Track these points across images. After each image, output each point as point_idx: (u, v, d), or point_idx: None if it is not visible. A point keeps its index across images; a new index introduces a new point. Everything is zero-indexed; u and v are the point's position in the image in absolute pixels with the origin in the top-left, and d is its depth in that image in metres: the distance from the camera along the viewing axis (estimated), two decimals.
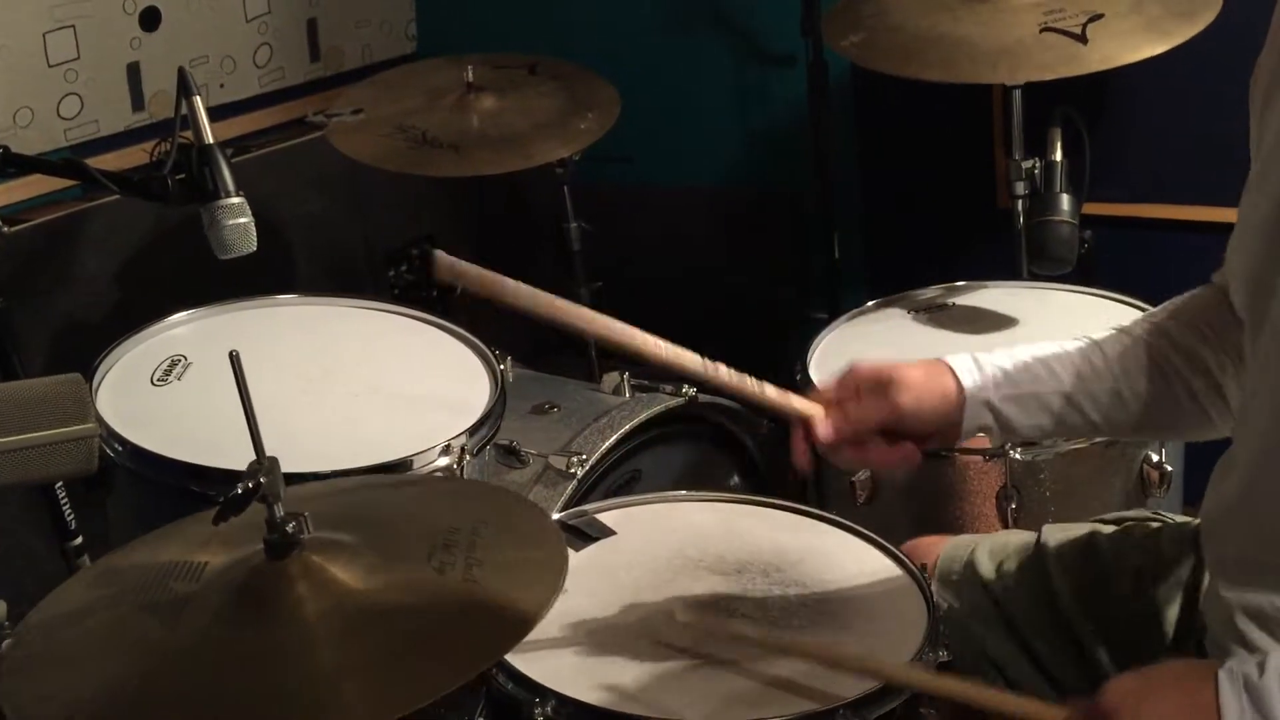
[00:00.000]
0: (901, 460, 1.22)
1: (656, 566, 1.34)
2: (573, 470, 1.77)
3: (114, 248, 2.26)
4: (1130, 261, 2.15)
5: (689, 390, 1.92)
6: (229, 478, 1.40)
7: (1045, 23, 1.86)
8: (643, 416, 1.86)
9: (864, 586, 1.30)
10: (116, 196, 1.59)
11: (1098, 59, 1.82)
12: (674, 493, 1.49)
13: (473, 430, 1.62)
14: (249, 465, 1.04)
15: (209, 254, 1.54)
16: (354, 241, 2.59)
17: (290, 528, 1.05)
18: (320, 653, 1.01)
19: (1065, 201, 1.96)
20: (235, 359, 1.04)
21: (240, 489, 1.02)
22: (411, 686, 0.96)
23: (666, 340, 1.24)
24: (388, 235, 2.46)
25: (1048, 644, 1.29)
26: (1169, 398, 1.20)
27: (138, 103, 2.37)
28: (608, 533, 1.40)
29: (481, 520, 1.14)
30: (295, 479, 1.38)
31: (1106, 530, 1.35)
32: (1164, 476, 1.69)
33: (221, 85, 2.47)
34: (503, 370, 1.75)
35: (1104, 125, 2.21)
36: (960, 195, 2.45)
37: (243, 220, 1.53)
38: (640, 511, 1.44)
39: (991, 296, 1.99)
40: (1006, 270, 2.07)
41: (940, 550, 1.38)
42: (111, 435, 1.57)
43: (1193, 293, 1.26)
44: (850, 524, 1.40)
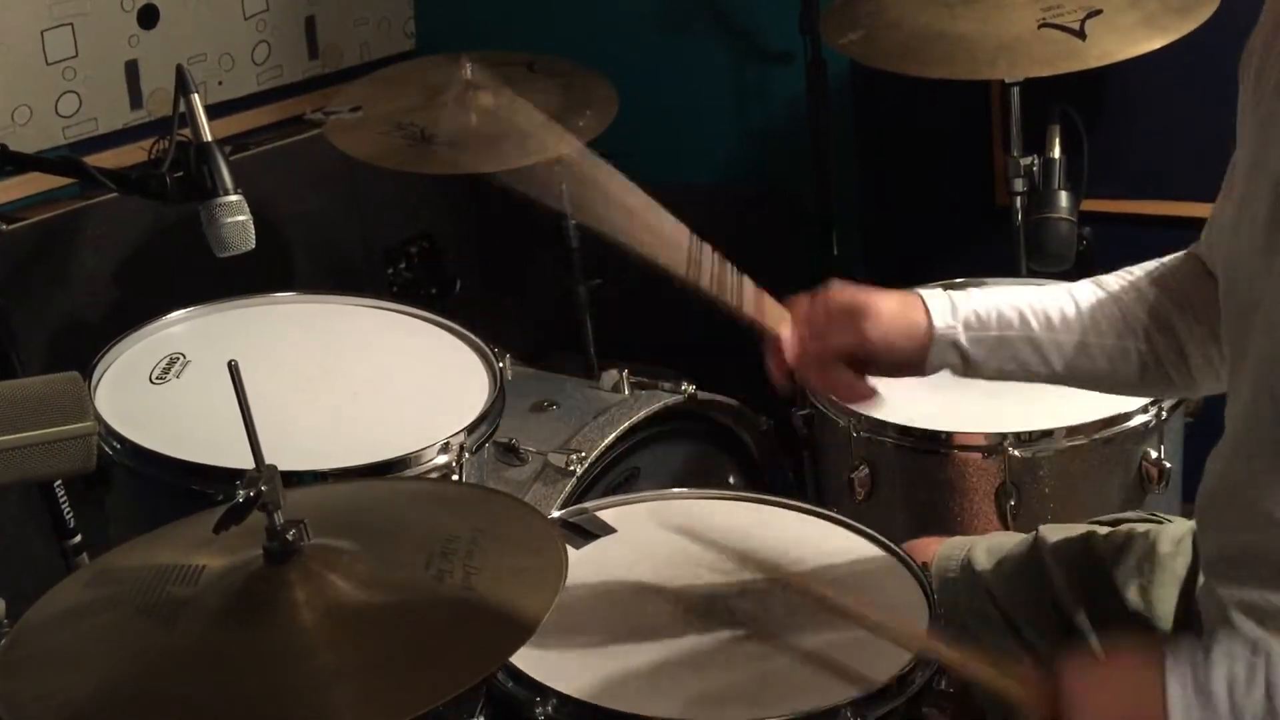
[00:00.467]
0: (858, 399, 1.23)
1: (656, 563, 1.34)
2: (572, 468, 1.77)
3: (112, 246, 2.26)
4: (1129, 258, 2.13)
5: (688, 388, 1.92)
6: (228, 476, 1.41)
7: (1044, 19, 1.86)
8: (642, 414, 1.86)
9: (863, 582, 1.30)
10: (115, 194, 1.59)
11: (1096, 54, 1.82)
12: (673, 490, 1.49)
13: (471, 428, 1.62)
14: (249, 474, 1.04)
15: (207, 252, 1.54)
16: (352, 239, 2.59)
17: (290, 535, 1.05)
18: (317, 659, 1.01)
19: (1064, 198, 1.96)
20: (234, 369, 1.04)
21: (240, 498, 1.02)
22: (408, 694, 0.96)
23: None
24: (386, 233, 2.46)
25: (1046, 641, 1.30)
26: (1133, 355, 1.21)
27: (136, 100, 2.36)
28: (607, 530, 1.40)
29: (480, 528, 1.14)
30: (294, 478, 1.39)
31: (1103, 531, 1.35)
32: (1163, 473, 1.69)
33: (220, 83, 2.47)
34: (501, 368, 1.75)
35: (1102, 122, 2.21)
36: (959, 192, 2.45)
37: (241, 218, 1.52)
38: (639, 509, 1.44)
39: None
40: (1005, 267, 2.07)
41: (936, 550, 1.39)
42: (110, 433, 1.57)
43: (1173, 258, 1.27)
44: (849, 520, 1.40)
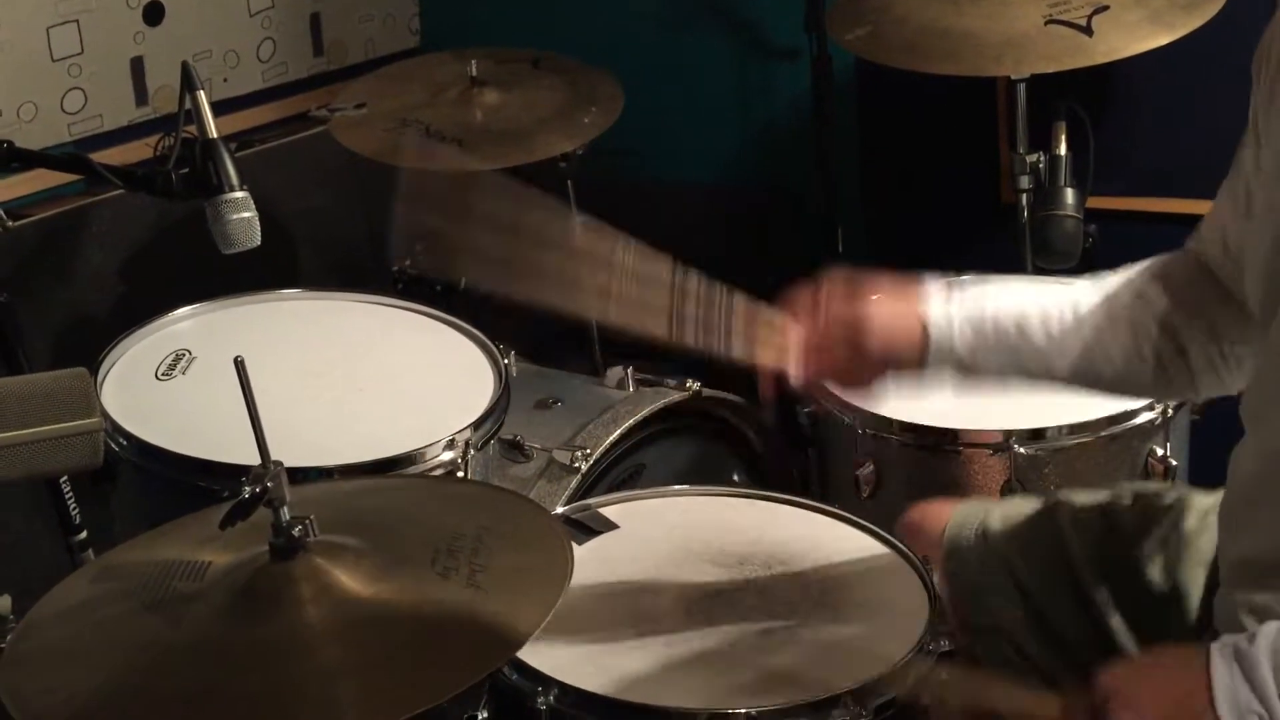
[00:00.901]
0: (860, 393, 1.26)
1: (659, 559, 1.34)
2: (576, 465, 1.77)
3: (118, 243, 2.26)
4: (1135, 255, 2.12)
5: (693, 385, 1.92)
6: (233, 472, 1.41)
7: (1050, 15, 1.86)
8: (646, 411, 1.86)
9: (866, 578, 1.31)
10: (120, 191, 1.59)
11: (1103, 51, 1.82)
12: (677, 487, 1.49)
13: (477, 425, 1.62)
14: (254, 470, 1.04)
15: (213, 248, 1.54)
16: (357, 236, 2.59)
17: (296, 531, 1.06)
18: (322, 655, 1.01)
19: (1070, 195, 1.95)
20: (240, 365, 1.04)
21: (247, 494, 1.02)
22: (413, 690, 0.96)
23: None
24: (391, 230, 2.45)
25: (1062, 612, 1.28)
26: (1135, 358, 1.22)
27: (141, 97, 2.36)
28: (611, 526, 1.40)
29: (485, 525, 1.14)
30: (299, 474, 1.39)
31: (1125, 500, 1.33)
32: (1169, 470, 1.69)
33: (225, 80, 2.47)
34: (506, 365, 1.75)
35: (1108, 119, 2.20)
36: (964, 189, 2.45)
37: (247, 215, 1.53)
38: (643, 505, 1.44)
39: None
40: (1011, 265, 2.07)
41: (949, 515, 1.37)
42: (116, 429, 1.57)
43: (1171, 257, 1.27)
44: (853, 517, 1.40)
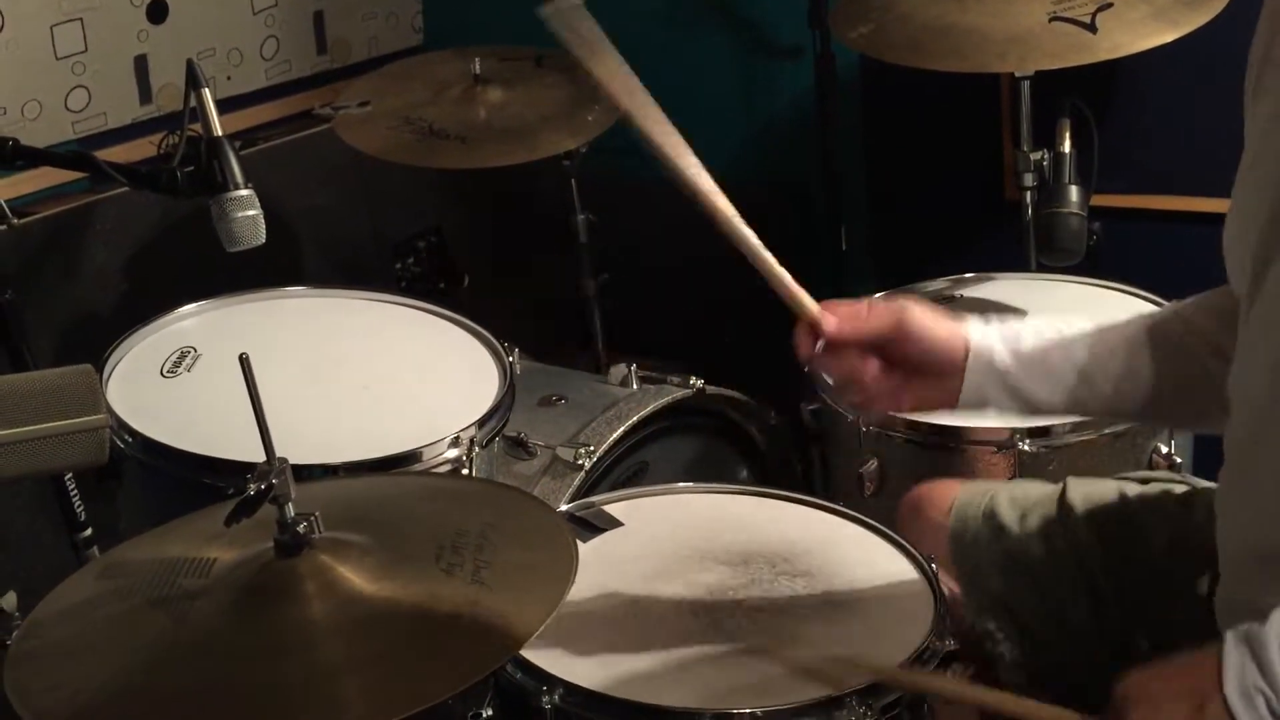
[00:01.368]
0: (890, 395, 1.18)
1: (663, 557, 1.34)
2: (580, 462, 1.77)
3: (123, 240, 2.26)
4: (1139, 253, 2.14)
5: (696, 382, 1.92)
6: (238, 469, 1.42)
7: (1054, 12, 1.86)
8: (650, 408, 1.86)
9: (870, 577, 1.30)
10: (125, 189, 1.60)
11: (1107, 48, 1.81)
12: (681, 484, 1.49)
13: (481, 422, 1.62)
14: (260, 467, 1.04)
15: (218, 246, 1.54)
16: (361, 234, 2.60)
17: (300, 528, 1.06)
18: (327, 651, 1.01)
19: (1074, 193, 1.95)
20: (245, 362, 1.04)
21: (252, 491, 1.03)
22: (417, 686, 0.96)
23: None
24: (395, 227, 2.46)
25: (1070, 599, 1.28)
26: (1184, 376, 1.19)
27: (145, 95, 2.37)
28: (615, 524, 1.40)
29: (490, 522, 1.14)
30: (304, 472, 1.39)
31: (1134, 490, 1.33)
32: (1173, 467, 1.69)
33: (228, 78, 2.47)
34: (511, 362, 1.75)
35: (1113, 117, 2.20)
36: (968, 187, 2.45)
37: (252, 212, 1.53)
38: (647, 503, 1.44)
39: (999, 288, 1.98)
40: (1015, 262, 2.07)
41: (955, 495, 1.37)
42: (121, 426, 1.58)
43: (1217, 290, 1.25)
44: (857, 515, 1.40)
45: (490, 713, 1.21)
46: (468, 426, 1.60)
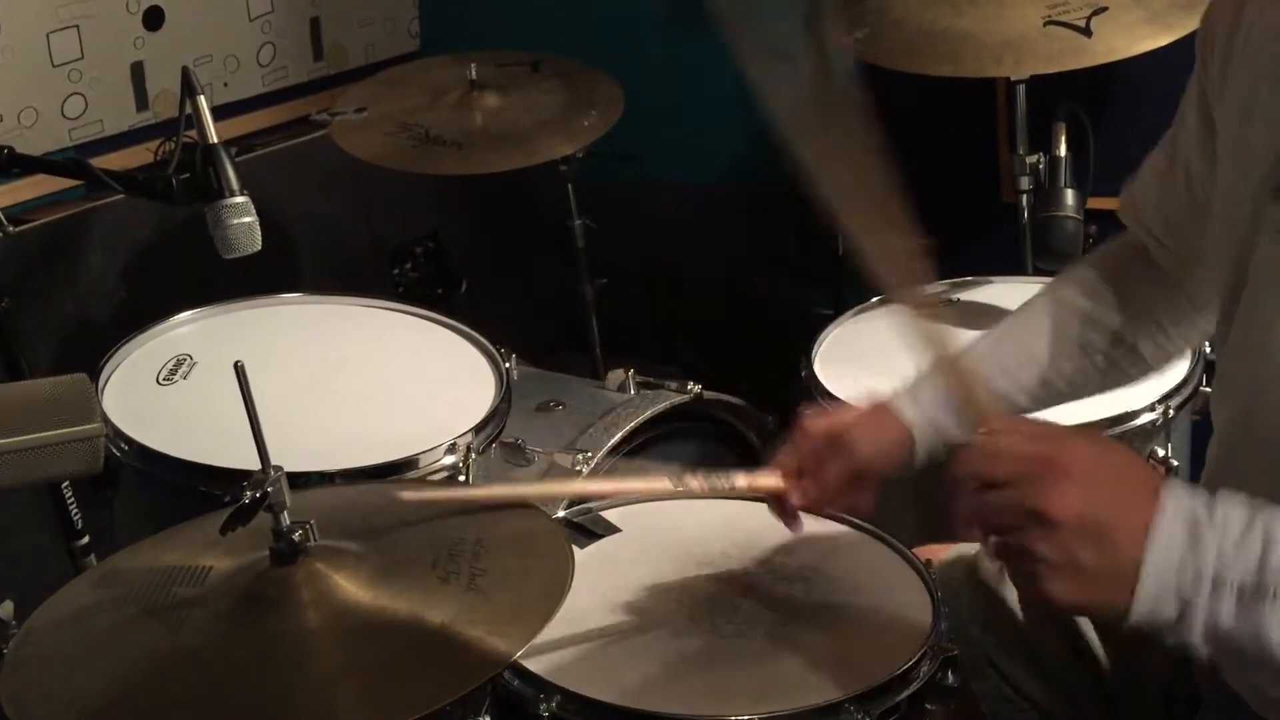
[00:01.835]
0: (867, 505, 1.28)
1: (662, 563, 1.34)
2: (578, 468, 1.77)
3: (119, 248, 2.26)
4: None
5: (694, 387, 1.92)
6: (235, 476, 1.41)
7: (1049, 16, 1.86)
8: (648, 414, 1.86)
9: (869, 582, 1.30)
10: (121, 196, 1.59)
11: (1102, 51, 1.82)
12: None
13: (478, 428, 1.62)
14: (255, 475, 1.04)
15: (213, 253, 1.54)
16: (358, 240, 2.60)
17: (296, 536, 1.06)
18: (323, 659, 1.01)
19: (1070, 196, 1.95)
20: (240, 370, 1.04)
21: (247, 499, 1.03)
22: (413, 695, 0.96)
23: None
24: (392, 233, 2.46)
25: (1054, 649, 1.29)
26: (1091, 371, 1.27)
27: (141, 102, 2.37)
28: (612, 530, 1.40)
29: (486, 529, 1.14)
30: (300, 479, 1.39)
31: None
32: (1170, 471, 1.69)
33: (225, 84, 2.48)
34: (508, 368, 1.75)
35: (1108, 120, 2.20)
36: (964, 190, 2.45)
37: (247, 219, 1.53)
38: (645, 509, 1.44)
39: (996, 292, 1.98)
40: (1011, 265, 2.07)
41: (941, 558, 1.38)
42: (117, 434, 1.57)
43: (1109, 250, 1.31)
44: (855, 520, 1.40)
45: None
46: (465, 433, 1.60)
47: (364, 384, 1.72)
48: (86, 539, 1.70)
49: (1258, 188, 1.02)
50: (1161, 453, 1.69)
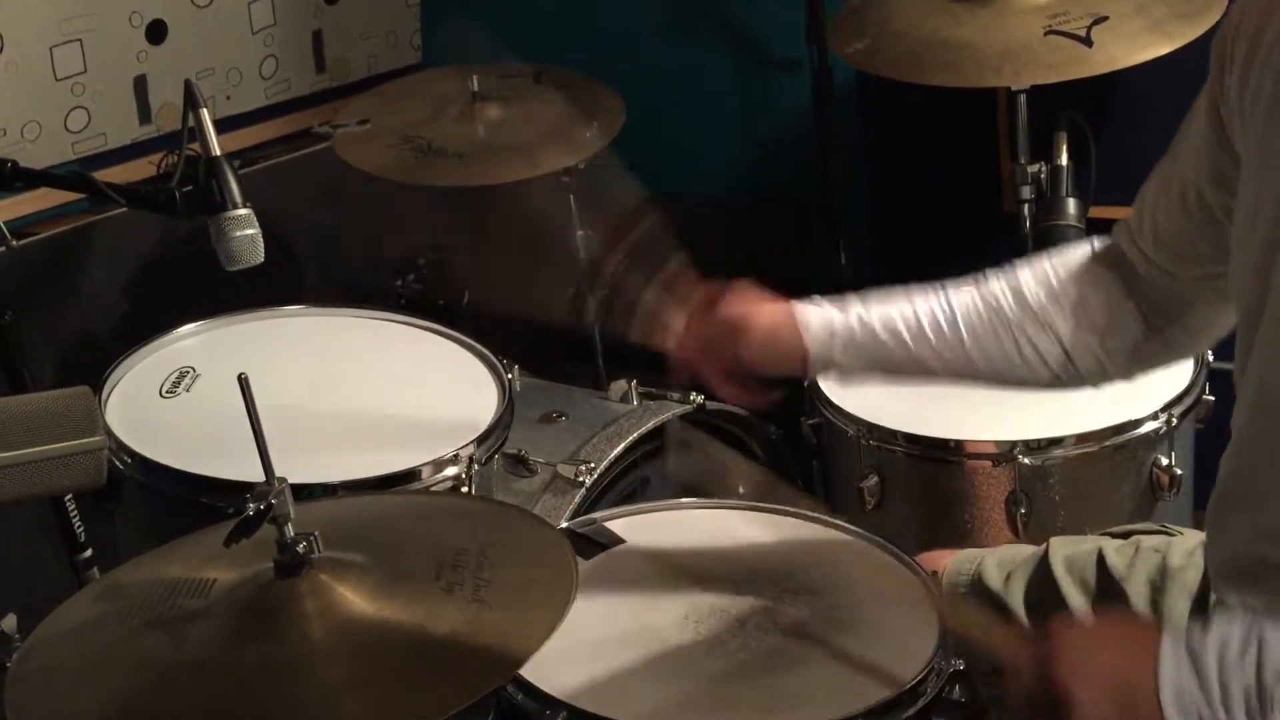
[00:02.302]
0: (753, 403, 1.34)
1: (665, 575, 1.34)
2: (581, 479, 1.77)
3: (122, 260, 2.26)
4: None
5: (697, 398, 1.92)
6: (238, 489, 1.41)
7: (1050, 26, 1.86)
8: (651, 424, 1.86)
9: (875, 594, 1.30)
10: (124, 209, 1.59)
11: (1103, 60, 1.82)
12: (683, 500, 1.49)
13: (481, 440, 1.62)
14: (259, 487, 1.04)
15: (216, 266, 1.54)
16: (360, 252, 2.60)
17: (300, 548, 1.06)
18: (328, 671, 1.01)
19: (1072, 205, 1.96)
20: (244, 383, 1.04)
21: (251, 511, 1.02)
22: (418, 706, 0.96)
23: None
24: (394, 245, 2.46)
25: None
26: (1016, 362, 1.26)
27: (144, 115, 2.37)
28: (616, 541, 1.40)
29: (490, 540, 1.14)
30: (304, 491, 1.39)
31: (1114, 544, 1.34)
32: (1174, 480, 1.68)
33: (228, 97, 2.48)
34: (510, 379, 1.75)
35: (1109, 129, 2.20)
36: (966, 200, 2.45)
37: (250, 231, 1.53)
38: (649, 519, 1.44)
39: None
40: None
41: (947, 564, 1.38)
42: (120, 447, 1.57)
43: (1072, 256, 1.30)
44: (859, 530, 1.39)
45: None
46: (467, 444, 1.60)
47: (366, 396, 1.72)
48: (89, 552, 1.70)
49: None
50: (1165, 461, 1.69)
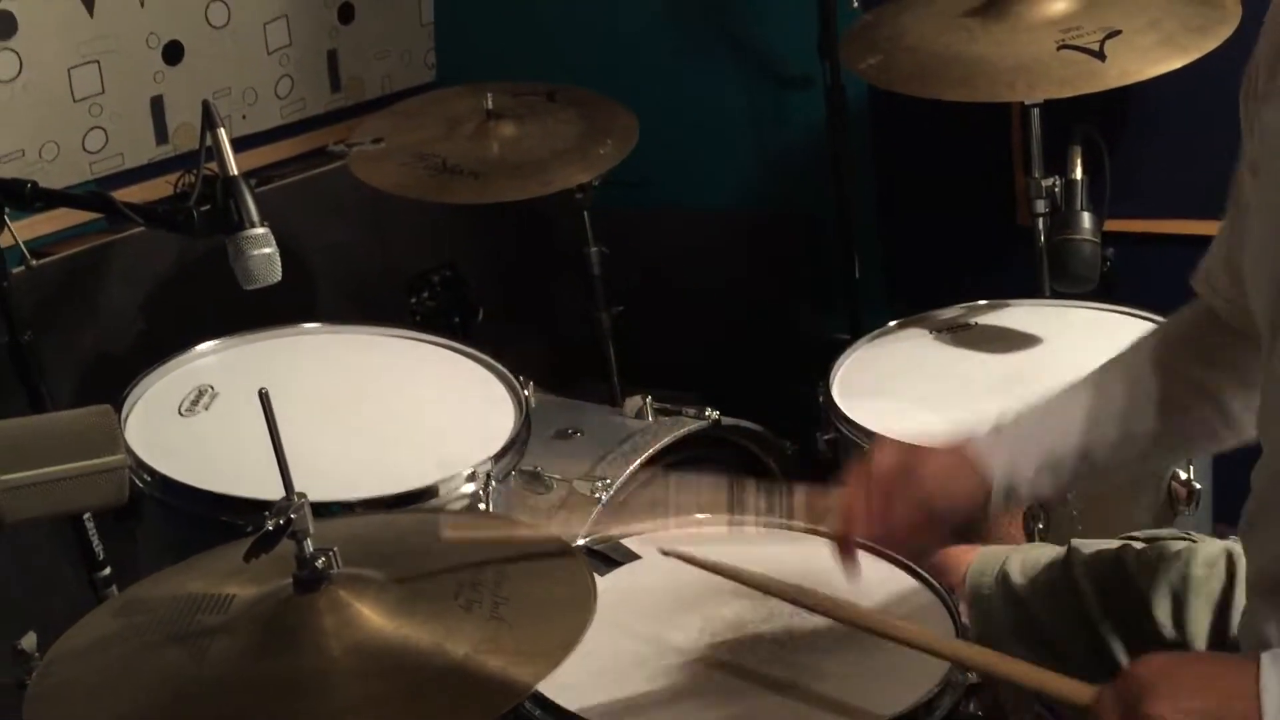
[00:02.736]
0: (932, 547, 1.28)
1: (682, 590, 1.34)
2: (597, 495, 1.77)
3: (140, 279, 2.28)
4: (1153, 278, 2.13)
5: (712, 413, 1.92)
6: (257, 507, 1.42)
7: (1063, 40, 1.86)
8: (666, 440, 1.86)
9: (891, 609, 1.30)
10: (142, 229, 1.61)
11: (1116, 75, 1.82)
12: (698, 516, 1.48)
13: (497, 457, 1.63)
14: (278, 502, 1.05)
15: (234, 284, 1.55)
16: (376, 269, 2.61)
17: (319, 563, 1.06)
18: (346, 688, 1.01)
19: (1086, 219, 1.95)
20: (265, 398, 1.05)
21: (270, 526, 1.03)
22: None
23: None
24: (410, 263, 2.47)
25: (1081, 662, 1.28)
26: (1179, 428, 1.20)
27: (161, 135, 2.39)
28: (632, 557, 1.40)
29: (508, 557, 1.14)
30: (322, 508, 1.39)
31: (1137, 548, 1.34)
32: (1192, 494, 1.68)
33: (244, 117, 2.50)
34: (526, 396, 1.76)
35: (1123, 142, 2.20)
36: (981, 214, 2.45)
37: (267, 250, 1.54)
38: (664, 535, 1.44)
39: (1014, 315, 1.98)
40: (1028, 289, 2.07)
41: (970, 561, 1.37)
42: (140, 466, 1.58)
43: (1183, 315, 1.26)
44: (874, 546, 1.39)
45: None
46: (484, 461, 1.61)
47: (383, 413, 1.72)
48: (108, 570, 1.70)
49: None
50: (1184, 475, 1.68)
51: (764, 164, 2.70)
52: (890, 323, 1.99)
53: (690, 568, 1.37)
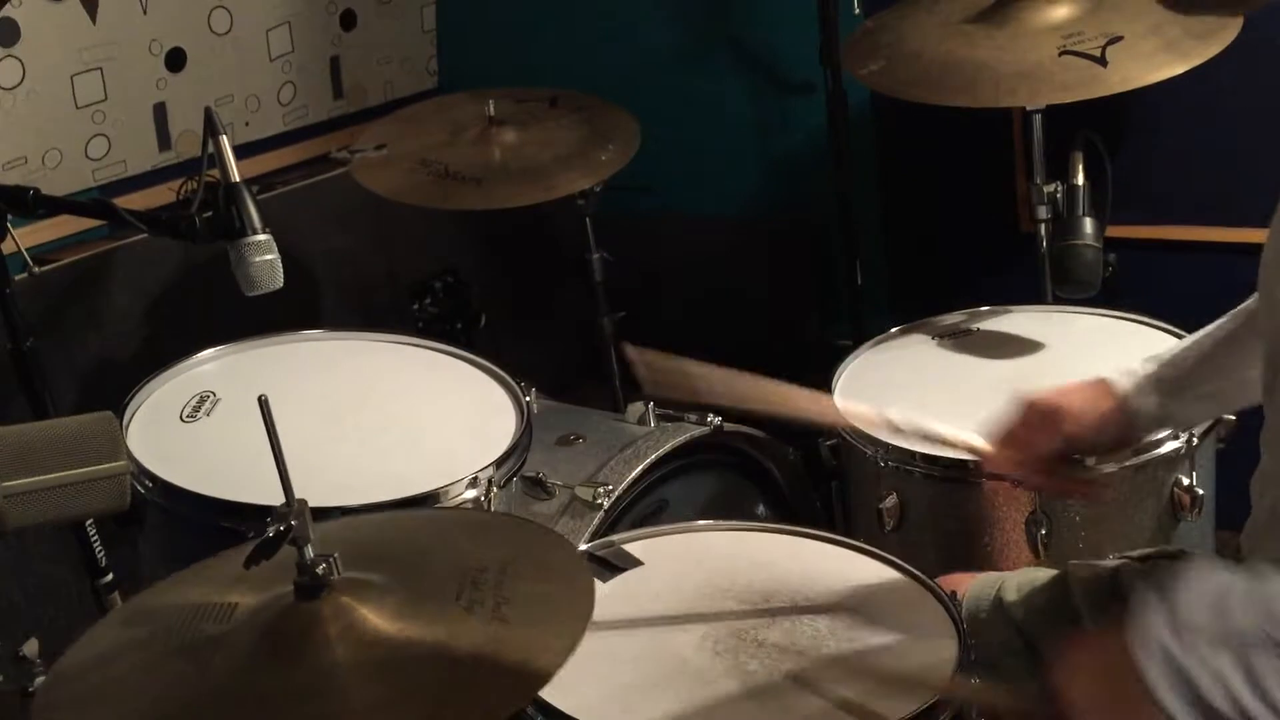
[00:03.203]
0: (1096, 496, 1.38)
1: (684, 596, 1.34)
2: (599, 501, 1.77)
3: (142, 286, 2.28)
4: (1155, 283, 2.14)
5: (714, 419, 1.92)
6: (259, 513, 1.41)
7: (1064, 46, 1.87)
8: (668, 446, 1.86)
9: (893, 613, 1.30)
10: (144, 235, 1.61)
11: (1117, 80, 1.82)
12: (701, 522, 1.49)
13: (499, 463, 1.63)
14: (279, 509, 1.05)
15: (236, 291, 1.55)
16: (378, 276, 2.61)
17: (320, 569, 1.06)
18: (350, 693, 1.01)
19: (1088, 225, 1.95)
20: (264, 404, 1.05)
21: (271, 533, 1.03)
22: None
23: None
24: (412, 269, 2.48)
25: None
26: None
27: (164, 142, 2.39)
28: (635, 563, 1.40)
29: (510, 558, 1.14)
30: (323, 514, 1.39)
31: (1130, 569, 1.34)
32: (1195, 500, 1.67)
33: (246, 124, 2.50)
34: (528, 402, 1.76)
35: (1125, 148, 2.20)
36: (983, 220, 2.45)
37: (269, 257, 1.53)
38: (667, 541, 1.44)
39: (1016, 321, 1.98)
40: (1031, 294, 2.07)
41: (968, 588, 1.38)
42: (142, 472, 1.58)
43: (1223, 326, 1.29)
44: (878, 551, 1.39)
45: None
46: (486, 467, 1.61)
47: (385, 419, 1.72)
48: (110, 576, 1.70)
49: None
50: (1186, 481, 1.68)
51: (766, 170, 2.70)
52: (892, 328, 1.99)
53: (692, 573, 1.37)
